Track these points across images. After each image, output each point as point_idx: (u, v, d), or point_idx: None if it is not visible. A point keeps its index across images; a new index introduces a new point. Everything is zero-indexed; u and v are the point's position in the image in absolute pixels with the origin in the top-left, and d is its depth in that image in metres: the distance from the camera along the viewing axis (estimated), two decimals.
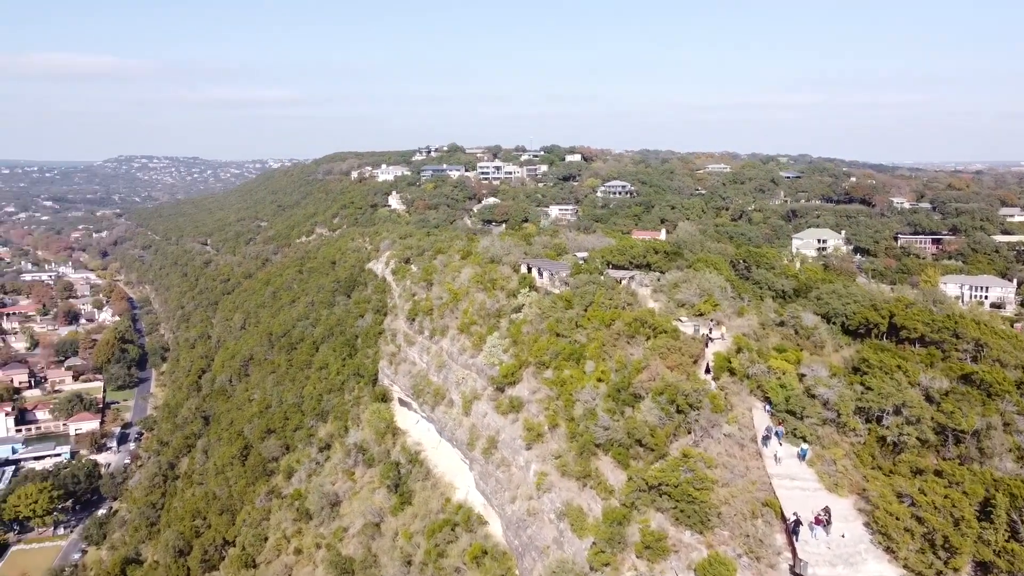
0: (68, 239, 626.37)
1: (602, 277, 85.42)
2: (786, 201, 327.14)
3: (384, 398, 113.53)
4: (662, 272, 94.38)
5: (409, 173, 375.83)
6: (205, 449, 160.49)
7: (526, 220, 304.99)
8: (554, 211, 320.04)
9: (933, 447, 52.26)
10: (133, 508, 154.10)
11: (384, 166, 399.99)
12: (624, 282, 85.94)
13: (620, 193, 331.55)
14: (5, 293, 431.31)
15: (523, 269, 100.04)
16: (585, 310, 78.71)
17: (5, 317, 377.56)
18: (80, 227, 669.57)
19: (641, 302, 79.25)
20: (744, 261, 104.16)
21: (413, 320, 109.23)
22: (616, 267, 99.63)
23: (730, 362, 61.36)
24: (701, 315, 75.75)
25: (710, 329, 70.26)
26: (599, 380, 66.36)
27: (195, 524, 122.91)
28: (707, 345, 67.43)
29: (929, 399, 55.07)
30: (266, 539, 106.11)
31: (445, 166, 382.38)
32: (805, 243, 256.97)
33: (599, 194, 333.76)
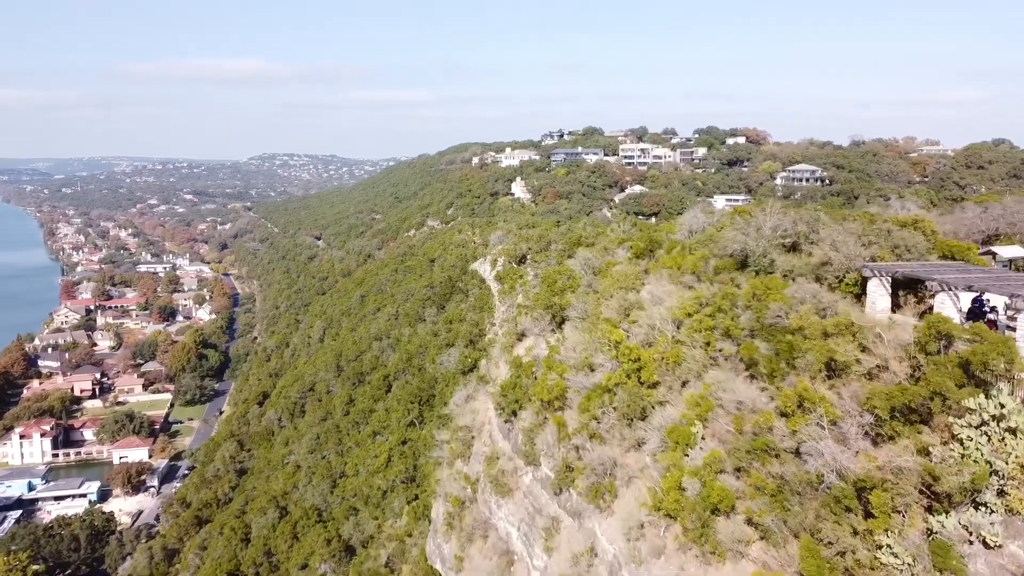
0: (194, 231, 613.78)
1: None
2: None
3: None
4: None
5: (537, 158, 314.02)
6: (205, 544, 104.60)
7: (682, 213, 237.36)
8: (720, 201, 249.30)
9: None
10: None
11: (508, 150, 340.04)
12: None
13: (808, 180, 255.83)
14: (114, 285, 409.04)
15: (875, 285, 31.94)
16: None
17: (101, 311, 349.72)
18: (208, 219, 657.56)
19: None
20: None
21: (510, 418, 41.65)
22: None
23: None
24: None
25: None
26: None
27: None
28: None
29: None
30: None
31: (580, 149, 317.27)
32: None
33: (779, 181, 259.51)
